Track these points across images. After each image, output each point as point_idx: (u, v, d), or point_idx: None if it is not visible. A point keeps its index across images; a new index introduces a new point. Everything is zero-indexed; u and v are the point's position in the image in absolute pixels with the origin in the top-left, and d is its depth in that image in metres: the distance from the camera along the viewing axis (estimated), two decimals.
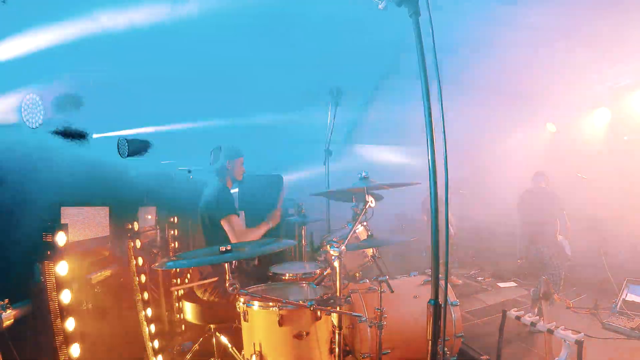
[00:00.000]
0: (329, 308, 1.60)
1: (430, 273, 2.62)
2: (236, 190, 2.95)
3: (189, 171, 4.58)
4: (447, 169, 1.23)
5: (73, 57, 2.38)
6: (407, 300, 2.45)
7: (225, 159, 2.82)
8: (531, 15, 3.22)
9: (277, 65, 4.05)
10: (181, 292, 3.46)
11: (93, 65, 2.70)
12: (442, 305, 1.24)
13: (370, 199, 1.78)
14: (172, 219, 3.90)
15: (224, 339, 2.75)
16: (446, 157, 1.23)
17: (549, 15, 3.25)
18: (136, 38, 2.65)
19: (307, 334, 1.64)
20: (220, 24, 2.96)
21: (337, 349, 1.66)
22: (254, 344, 1.66)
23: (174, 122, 3.99)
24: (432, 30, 1.24)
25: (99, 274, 2.55)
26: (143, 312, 2.75)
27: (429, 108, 1.23)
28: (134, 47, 2.77)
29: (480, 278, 5.64)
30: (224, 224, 2.61)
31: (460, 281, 5.23)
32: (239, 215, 2.70)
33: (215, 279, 2.55)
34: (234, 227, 2.60)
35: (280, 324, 1.60)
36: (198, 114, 4.18)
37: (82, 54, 2.42)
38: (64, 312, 1.88)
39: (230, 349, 2.74)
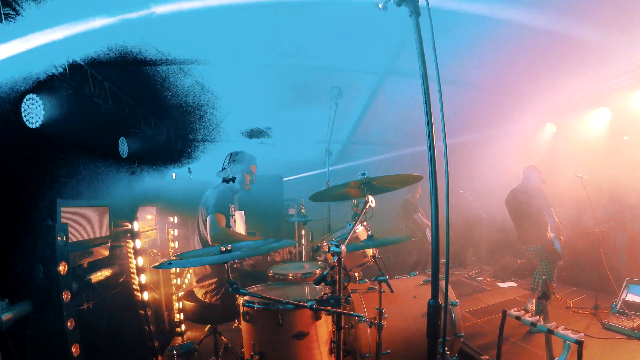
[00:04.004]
0: (329, 308, 1.60)
1: (430, 273, 2.63)
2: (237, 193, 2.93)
3: (189, 170, 4.59)
4: (447, 169, 1.23)
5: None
6: (407, 300, 2.44)
7: (234, 163, 2.81)
8: (531, 15, 3.22)
9: (278, 65, 4.05)
10: (181, 292, 3.46)
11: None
12: (442, 305, 1.24)
13: (370, 198, 1.77)
14: (172, 219, 3.90)
15: (224, 339, 2.75)
16: (446, 157, 1.23)
17: (549, 15, 3.26)
18: (135, 35, 2.65)
19: (307, 334, 1.64)
20: (220, 24, 2.96)
21: (337, 349, 1.65)
22: (254, 344, 1.65)
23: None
24: (432, 30, 1.24)
25: (99, 274, 2.55)
26: (143, 312, 2.75)
27: (429, 108, 1.23)
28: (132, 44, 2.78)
29: (480, 278, 5.64)
30: (208, 219, 2.52)
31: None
32: (226, 217, 2.59)
33: (215, 279, 2.54)
34: (215, 224, 2.49)
35: (280, 324, 1.60)
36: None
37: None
38: (64, 311, 1.88)
39: (230, 349, 2.74)
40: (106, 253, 2.65)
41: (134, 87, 3.71)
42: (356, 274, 2.84)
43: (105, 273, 2.62)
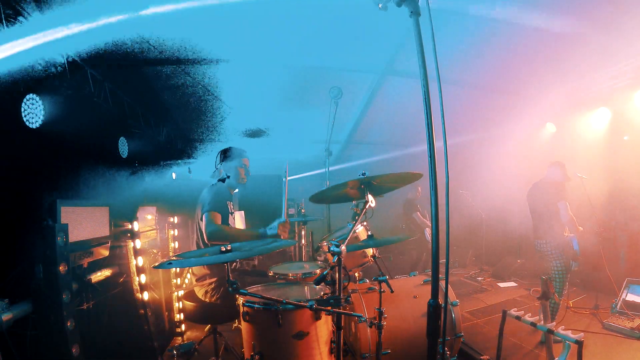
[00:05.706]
0: (329, 308, 1.60)
1: (430, 273, 2.63)
2: (236, 190, 2.92)
3: (189, 170, 4.59)
4: (447, 169, 1.23)
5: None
6: (407, 300, 2.44)
7: (225, 161, 2.79)
8: (531, 14, 3.23)
9: (278, 65, 4.05)
10: (181, 292, 3.47)
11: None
12: (442, 305, 1.24)
13: (370, 198, 1.77)
14: (172, 219, 3.91)
15: (224, 339, 2.75)
16: (446, 157, 1.23)
17: (549, 15, 3.26)
18: (133, 33, 2.65)
19: (307, 334, 1.64)
20: (221, 25, 2.96)
21: (337, 349, 1.66)
22: (254, 344, 1.65)
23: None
24: (432, 30, 1.24)
25: (99, 274, 2.55)
26: (143, 312, 2.75)
27: (429, 108, 1.23)
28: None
29: (480, 278, 5.64)
30: (204, 218, 2.45)
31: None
32: (222, 214, 2.53)
33: (215, 279, 2.54)
34: (210, 222, 2.40)
35: (280, 324, 1.60)
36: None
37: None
38: (64, 311, 1.88)
39: (230, 349, 2.74)
40: (106, 253, 2.65)
41: (134, 88, 3.71)
42: (356, 274, 2.84)
43: (105, 273, 2.62)
